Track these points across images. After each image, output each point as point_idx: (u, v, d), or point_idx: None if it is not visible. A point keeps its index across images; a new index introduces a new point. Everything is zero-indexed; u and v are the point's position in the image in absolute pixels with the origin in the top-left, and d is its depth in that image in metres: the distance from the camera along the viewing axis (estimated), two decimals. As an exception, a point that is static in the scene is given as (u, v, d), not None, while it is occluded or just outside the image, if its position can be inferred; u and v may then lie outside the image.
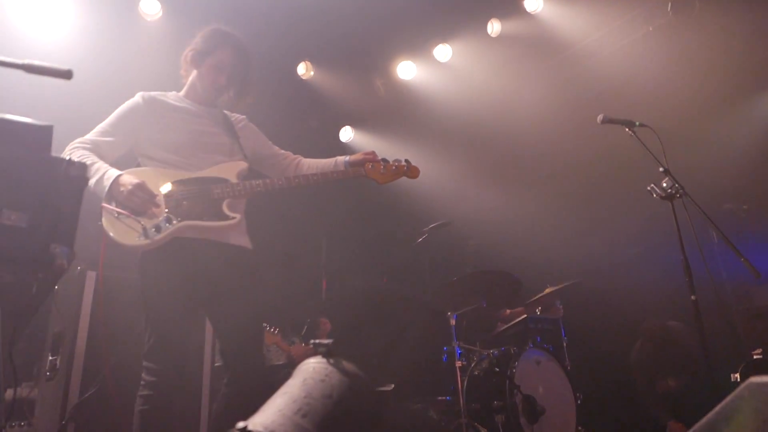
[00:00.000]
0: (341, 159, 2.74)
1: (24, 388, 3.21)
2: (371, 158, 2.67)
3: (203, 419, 3.22)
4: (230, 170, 2.40)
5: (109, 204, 2.15)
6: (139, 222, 2.12)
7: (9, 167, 1.40)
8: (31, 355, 3.58)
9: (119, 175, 2.17)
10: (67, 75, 1.39)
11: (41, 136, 1.48)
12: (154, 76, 4.69)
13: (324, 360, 1.45)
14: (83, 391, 3.05)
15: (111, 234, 2.11)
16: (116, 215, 2.12)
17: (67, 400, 3.02)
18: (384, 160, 2.67)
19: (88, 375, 3.09)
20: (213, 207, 2.27)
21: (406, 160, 2.72)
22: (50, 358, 3.02)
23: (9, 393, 2.86)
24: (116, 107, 2.45)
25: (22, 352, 3.64)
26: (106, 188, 2.14)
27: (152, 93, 2.48)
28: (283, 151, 2.76)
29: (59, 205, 1.44)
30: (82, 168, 1.51)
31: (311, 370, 1.42)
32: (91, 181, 2.16)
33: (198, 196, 2.27)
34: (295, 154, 2.77)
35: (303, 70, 6.04)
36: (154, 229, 2.15)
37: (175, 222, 2.18)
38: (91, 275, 3.18)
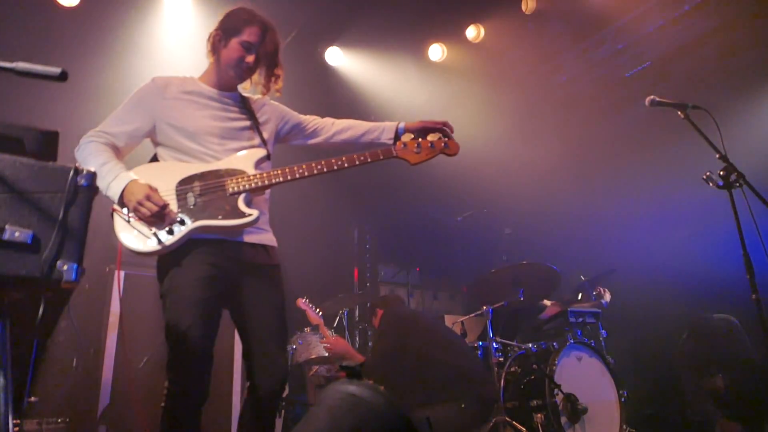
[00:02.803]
0: (391, 126, 2.49)
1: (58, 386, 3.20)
2: (432, 126, 2.42)
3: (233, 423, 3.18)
4: (247, 160, 2.25)
5: (121, 208, 2.05)
6: (150, 228, 2.02)
7: (11, 179, 1.30)
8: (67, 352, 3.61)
9: (129, 182, 2.06)
10: (61, 77, 1.27)
11: (46, 143, 1.38)
12: (180, 61, 4.64)
13: (352, 385, 1.31)
14: (114, 389, 3.03)
15: (123, 240, 2.02)
16: (127, 220, 2.02)
17: (98, 398, 3.00)
18: (419, 136, 2.41)
19: (119, 373, 3.06)
20: (228, 203, 2.13)
21: (445, 134, 2.44)
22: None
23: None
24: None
25: (59, 348, 3.68)
26: (117, 195, 2.05)
27: (167, 76, 2.35)
28: (309, 117, 2.59)
29: (66, 219, 1.33)
30: (91, 177, 1.39)
31: (338, 397, 1.28)
32: (102, 184, 2.07)
33: (212, 192, 2.14)
34: None
35: (332, 55, 5.89)
36: (166, 232, 2.03)
37: (188, 223, 2.07)
38: (120, 275, 3.14)
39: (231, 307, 2.24)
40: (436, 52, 6.05)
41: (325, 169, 2.24)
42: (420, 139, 2.39)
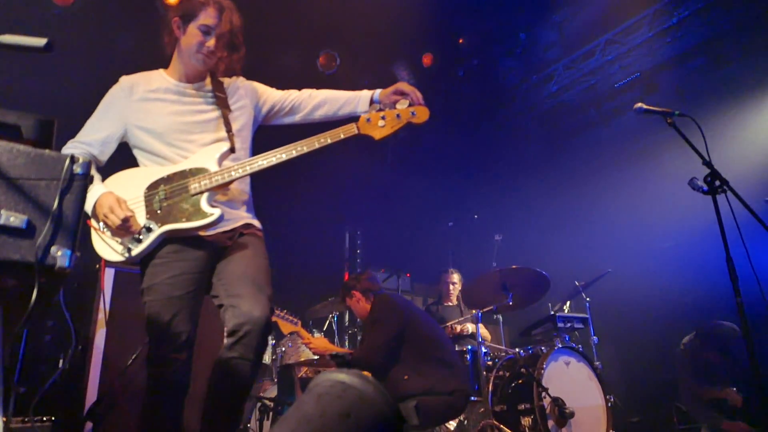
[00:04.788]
0: (366, 97, 2.37)
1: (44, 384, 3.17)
2: (400, 96, 2.24)
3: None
4: (210, 156, 2.18)
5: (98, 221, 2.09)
6: (117, 239, 2.06)
7: (7, 165, 1.32)
8: (53, 351, 3.59)
9: (99, 196, 2.07)
10: (46, 48, 1.28)
11: (43, 131, 1.39)
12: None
13: (342, 373, 1.33)
14: (102, 387, 3.02)
15: (98, 250, 2.08)
16: (100, 232, 2.07)
17: (85, 396, 2.99)
18: (387, 106, 2.22)
19: (107, 370, 3.05)
20: (191, 204, 2.10)
21: (410, 103, 2.23)
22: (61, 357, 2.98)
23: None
24: None
25: (46, 347, 3.65)
26: (90, 208, 2.07)
27: (134, 76, 2.31)
28: (286, 93, 2.46)
29: (61, 206, 1.35)
30: (86, 166, 1.41)
31: (327, 384, 1.30)
32: None
33: (177, 195, 2.12)
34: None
35: (326, 62, 5.93)
36: (134, 240, 2.07)
37: (155, 229, 2.08)
38: (110, 272, 3.15)
39: (211, 287, 2.18)
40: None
41: (284, 157, 2.12)
42: (386, 110, 2.21)
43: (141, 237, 2.07)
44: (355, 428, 1.20)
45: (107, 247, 2.08)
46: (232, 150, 2.23)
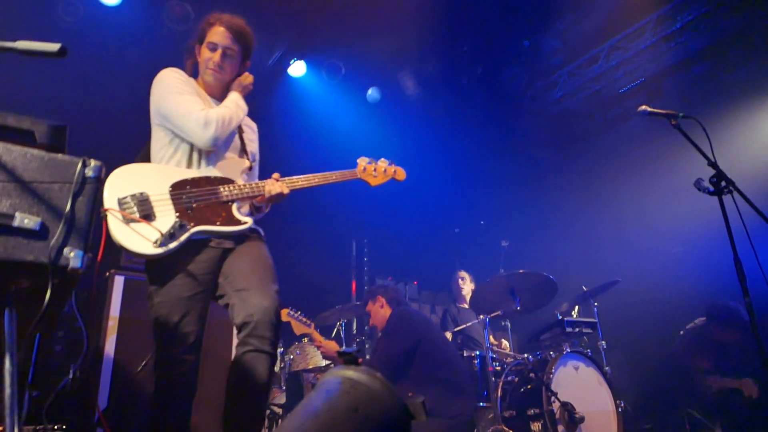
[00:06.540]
0: None
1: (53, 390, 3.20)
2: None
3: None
4: (234, 169, 2.33)
5: (119, 207, 2.01)
6: (156, 229, 2.00)
7: (22, 169, 1.35)
8: (64, 360, 3.62)
9: None
10: (60, 53, 1.33)
11: (55, 137, 1.43)
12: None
13: (350, 369, 1.35)
14: (112, 393, 3.04)
15: (120, 240, 1.95)
16: (125, 220, 1.98)
17: (96, 403, 3.00)
18: (373, 161, 2.65)
19: (118, 377, 3.07)
20: (224, 210, 2.20)
21: (391, 162, 2.72)
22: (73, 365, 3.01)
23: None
24: None
25: (56, 356, 3.68)
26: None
27: (185, 72, 2.42)
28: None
29: (74, 209, 1.38)
30: (98, 169, 1.44)
31: (335, 381, 1.32)
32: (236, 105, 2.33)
33: (207, 198, 2.18)
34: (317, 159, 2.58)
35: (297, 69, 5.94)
36: (169, 236, 2.03)
37: (188, 227, 2.10)
38: (119, 279, 3.18)
39: (217, 291, 2.23)
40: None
41: (303, 185, 2.39)
42: (375, 164, 2.66)
43: (176, 232, 2.05)
44: (362, 422, 1.21)
45: (137, 237, 1.97)
46: (250, 168, 2.41)
